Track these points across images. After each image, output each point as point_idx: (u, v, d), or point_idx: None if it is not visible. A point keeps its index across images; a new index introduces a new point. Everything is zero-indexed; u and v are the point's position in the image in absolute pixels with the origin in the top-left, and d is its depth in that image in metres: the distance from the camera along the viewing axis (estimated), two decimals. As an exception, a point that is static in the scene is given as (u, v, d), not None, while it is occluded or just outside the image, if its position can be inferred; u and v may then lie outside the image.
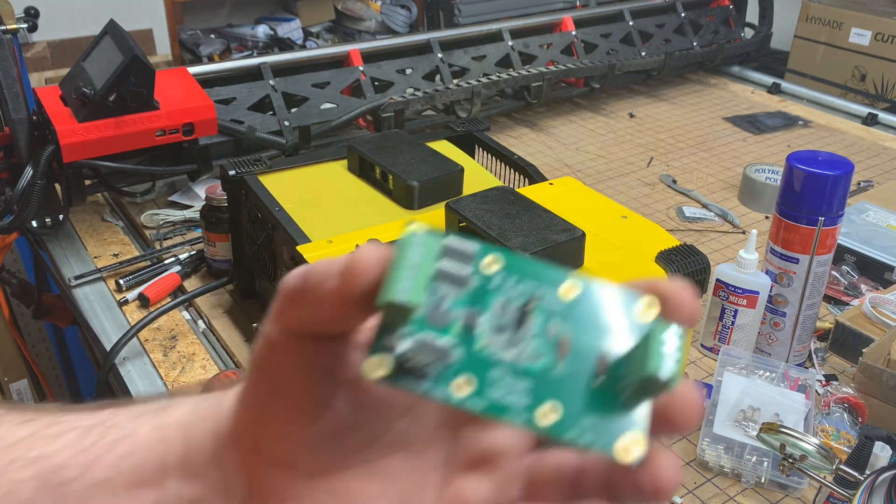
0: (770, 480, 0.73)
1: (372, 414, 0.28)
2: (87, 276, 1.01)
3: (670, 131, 1.51)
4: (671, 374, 0.24)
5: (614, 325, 0.27)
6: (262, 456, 0.29)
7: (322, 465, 0.28)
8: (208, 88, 1.12)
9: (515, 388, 0.26)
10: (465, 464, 0.29)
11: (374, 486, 0.29)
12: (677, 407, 0.26)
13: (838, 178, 0.79)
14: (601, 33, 1.61)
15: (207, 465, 0.30)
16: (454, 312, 0.26)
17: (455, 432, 0.30)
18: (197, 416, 0.31)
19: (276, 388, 0.28)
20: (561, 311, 0.27)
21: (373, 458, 0.29)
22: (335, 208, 0.88)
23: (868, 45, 1.99)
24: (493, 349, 0.26)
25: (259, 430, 0.29)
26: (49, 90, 1.05)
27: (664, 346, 0.25)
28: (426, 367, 0.25)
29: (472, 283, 0.27)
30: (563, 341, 0.26)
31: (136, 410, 0.32)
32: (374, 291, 0.25)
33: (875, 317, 0.90)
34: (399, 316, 0.25)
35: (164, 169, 1.09)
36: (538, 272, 0.27)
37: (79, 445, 0.30)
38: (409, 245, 0.25)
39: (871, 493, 0.61)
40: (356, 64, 1.31)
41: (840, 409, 0.79)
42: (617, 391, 0.26)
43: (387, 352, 0.25)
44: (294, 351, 0.27)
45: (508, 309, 0.27)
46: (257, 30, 2.59)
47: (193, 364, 0.88)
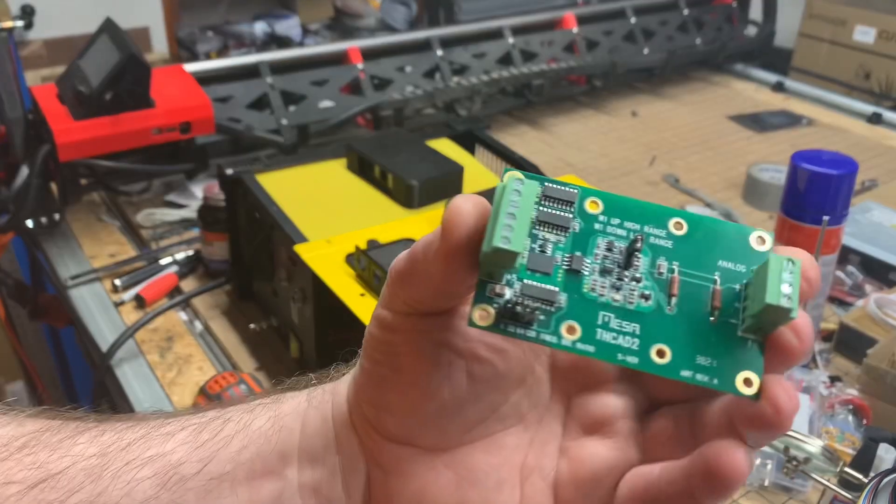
0: (774, 483, 0.72)
1: (488, 386, 0.29)
2: (83, 277, 1.00)
3: (673, 130, 1.50)
4: (791, 304, 0.24)
5: (726, 259, 0.26)
6: (383, 434, 0.30)
7: (442, 439, 0.29)
8: (206, 86, 1.11)
9: (626, 329, 0.26)
10: (580, 431, 0.29)
11: (494, 459, 0.29)
12: (793, 337, 0.25)
13: (843, 178, 0.78)
14: (603, 31, 1.60)
15: (326, 450, 0.31)
16: (558, 257, 0.26)
17: (569, 402, 0.30)
18: (312, 404, 0.32)
19: (395, 365, 0.28)
20: (668, 249, 0.27)
21: (491, 431, 0.30)
22: (334, 208, 0.88)
23: (873, 43, 1.98)
24: (600, 291, 0.26)
25: (379, 408, 0.29)
26: (45, 89, 1.04)
27: (781, 276, 0.24)
28: (533, 313, 0.25)
29: (574, 226, 0.27)
30: (673, 279, 0.26)
31: (248, 405, 0.33)
32: (477, 245, 0.25)
33: (880, 318, 0.89)
34: (502, 263, 0.25)
35: (160, 168, 1.08)
36: (641, 211, 0.27)
37: (195, 442, 0.31)
38: (507, 192, 0.25)
39: (876, 495, 0.60)
40: (355, 62, 1.30)
41: (844, 410, 0.78)
42: (733, 325, 0.26)
43: (493, 300, 0.25)
44: (409, 329, 0.28)
45: (613, 250, 0.26)
46: (255, 27, 2.58)
47: (190, 365, 0.87)
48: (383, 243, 0.74)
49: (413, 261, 0.27)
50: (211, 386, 0.79)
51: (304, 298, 0.77)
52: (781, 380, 0.25)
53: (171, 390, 0.83)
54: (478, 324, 0.25)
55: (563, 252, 0.26)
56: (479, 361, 0.29)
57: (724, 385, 0.25)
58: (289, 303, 0.81)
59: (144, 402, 0.82)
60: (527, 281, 0.26)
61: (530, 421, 0.30)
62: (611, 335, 0.26)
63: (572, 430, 0.30)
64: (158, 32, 2.43)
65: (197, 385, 0.83)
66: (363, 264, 0.71)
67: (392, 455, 0.30)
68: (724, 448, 0.25)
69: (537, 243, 0.26)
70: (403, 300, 0.27)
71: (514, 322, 0.26)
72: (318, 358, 0.78)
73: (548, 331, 0.26)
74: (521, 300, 0.25)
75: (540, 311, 0.26)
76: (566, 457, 0.29)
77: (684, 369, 0.25)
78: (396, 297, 0.28)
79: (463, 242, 0.25)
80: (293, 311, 0.80)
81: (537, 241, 0.26)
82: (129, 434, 0.31)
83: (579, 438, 0.29)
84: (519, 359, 0.30)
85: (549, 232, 0.26)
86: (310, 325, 0.77)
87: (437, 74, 1.38)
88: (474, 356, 0.29)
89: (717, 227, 0.27)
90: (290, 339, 0.83)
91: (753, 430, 0.25)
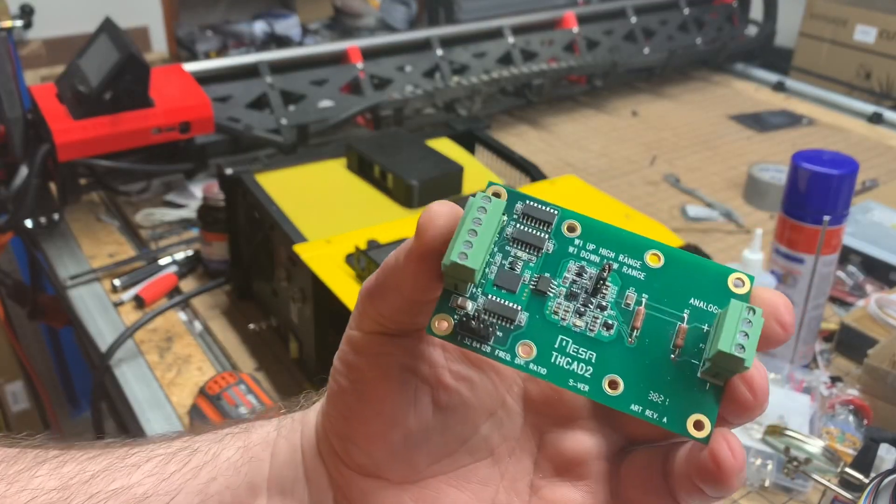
0: (774, 483, 0.72)
1: (455, 415, 0.29)
2: (83, 277, 1.00)
3: (674, 129, 1.49)
4: (744, 354, 0.23)
5: (700, 298, 0.26)
6: (350, 466, 0.29)
7: (409, 471, 0.29)
8: (205, 86, 1.11)
9: (582, 356, 0.25)
10: (551, 470, 0.29)
11: (463, 494, 0.29)
12: (746, 391, 0.25)
13: (843, 178, 0.78)
14: (604, 30, 1.60)
15: (296, 481, 0.30)
16: (526, 276, 0.26)
17: (541, 437, 0.30)
18: (282, 434, 0.31)
19: (360, 393, 0.28)
20: (640, 280, 0.26)
21: (460, 464, 0.29)
22: (333, 208, 0.87)
23: (873, 43, 1.97)
24: (562, 315, 0.26)
25: (345, 438, 0.29)
26: (44, 88, 1.04)
27: (739, 324, 0.24)
28: (491, 328, 0.25)
29: (548, 247, 0.26)
30: (638, 311, 0.26)
31: (217, 434, 0.32)
32: None
33: (881, 318, 0.89)
34: (462, 278, 0.25)
35: (160, 168, 1.08)
36: (619, 239, 0.27)
37: (162, 473, 0.30)
38: (473, 208, 0.25)
39: (877, 495, 0.60)
40: (355, 61, 1.30)
41: (845, 411, 0.78)
42: (693, 365, 0.25)
43: (454, 311, 0.25)
44: (375, 352, 0.28)
45: (584, 275, 0.26)
46: (255, 26, 2.58)
47: (189, 366, 0.86)
48: (383, 243, 0.74)
49: (384, 272, 0.27)
50: (210, 386, 0.78)
51: (304, 298, 0.77)
52: (727, 435, 0.24)
53: (170, 391, 0.83)
54: (436, 332, 0.25)
55: (532, 272, 0.26)
56: (446, 389, 0.28)
57: (672, 424, 0.25)
58: (288, 303, 0.81)
59: (144, 403, 0.82)
60: (491, 296, 0.26)
61: (501, 455, 0.30)
62: (566, 360, 0.25)
63: (544, 467, 0.29)
64: (158, 32, 2.43)
65: (196, 385, 0.83)
66: (363, 264, 0.71)
67: (359, 488, 0.29)
68: None
69: (508, 260, 0.26)
70: (373, 317, 0.27)
71: (471, 335, 0.25)
72: (318, 358, 0.78)
73: (503, 348, 0.25)
74: (481, 314, 0.25)
75: (498, 328, 0.25)
76: (538, 497, 0.29)
77: (634, 403, 0.25)
78: (366, 314, 0.28)
79: (436, 245, 0.25)
80: (293, 311, 0.80)
81: (508, 258, 0.26)
82: (92, 465, 0.30)
83: (551, 478, 0.29)
84: (488, 389, 0.29)
85: (522, 250, 0.26)
86: (309, 326, 0.77)
87: (436, 74, 1.37)
88: (440, 384, 0.28)
89: (696, 265, 0.26)
90: (290, 339, 0.83)
91: (701, 483, 0.24)
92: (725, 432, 0.24)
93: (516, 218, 0.27)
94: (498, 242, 0.26)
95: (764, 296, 0.25)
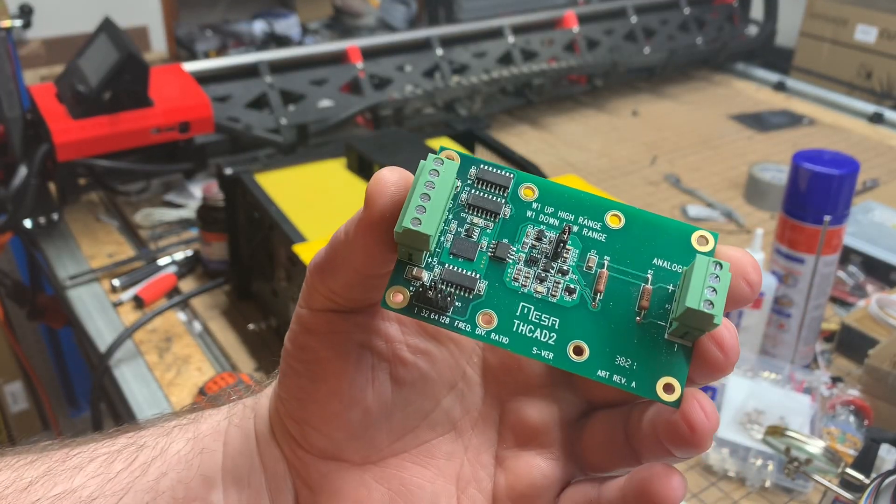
0: (775, 484, 0.72)
1: (415, 390, 0.28)
2: (82, 277, 1.00)
3: (674, 129, 1.49)
4: (713, 310, 0.22)
5: (663, 258, 0.25)
6: (308, 449, 0.28)
7: (370, 451, 0.28)
8: (204, 86, 1.11)
9: (545, 322, 0.24)
10: (515, 440, 0.28)
11: (428, 470, 0.28)
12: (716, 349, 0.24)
13: (844, 178, 0.78)
14: (604, 30, 1.60)
15: (252, 470, 0.29)
16: (483, 243, 0.25)
17: (502, 406, 0.29)
18: (233, 422, 0.30)
19: (314, 374, 0.27)
20: (601, 243, 0.25)
21: (422, 440, 0.28)
22: (333, 207, 0.87)
23: (874, 43, 1.97)
24: (522, 282, 0.25)
25: (301, 421, 0.28)
26: (43, 88, 1.03)
27: (706, 279, 0.23)
28: (447, 299, 0.24)
29: (505, 212, 0.25)
30: (601, 274, 0.25)
31: (163, 427, 0.30)
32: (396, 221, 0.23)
33: (881, 318, 0.89)
34: (416, 245, 0.23)
35: (159, 168, 1.08)
36: (578, 201, 0.26)
37: (107, 473, 0.28)
38: (424, 171, 0.24)
39: (878, 496, 0.60)
40: (355, 61, 1.30)
41: (846, 411, 0.77)
42: (660, 327, 0.24)
43: (409, 283, 0.24)
44: (328, 330, 0.26)
45: (543, 240, 0.25)
46: (254, 26, 2.58)
47: (189, 366, 0.86)
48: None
49: (334, 246, 0.25)
50: (210, 387, 0.78)
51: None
52: (698, 395, 0.24)
53: (169, 391, 0.83)
54: (390, 305, 0.24)
55: (490, 238, 0.25)
56: (403, 364, 0.28)
57: (641, 389, 0.24)
58: (288, 303, 0.81)
59: (143, 403, 0.82)
60: (448, 265, 0.25)
61: (463, 428, 0.29)
62: (528, 327, 0.24)
63: (507, 437, 0.28)
64: (157, 31, 2.43)
65: (196, 386, 0.82)
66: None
67: (319, 472, 0.28)
68: (655, 475, 0.24)
69: (464, 227, 0.25)
70: (323, 293, 0.26)
71: (428, 307, 0.24)
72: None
73: (463, 318, 0.24)
74: (438, 284, 0.24)
75: (457, 298, 0.24)
76: (503, 468, 0.28)
77: (601, 369, 0.24)
78: (316, 291, 0.26)
79: (385, 214, 0.24)
80: (292, 311, 0.80)
81: (464, 225, 0.25)
82: (30, 471, 0.28)
83: (516, 449, 0.28)
84: (447, 361, 0.29)
85: (479, 216, 0.25)
86: (309, 326, 0.77)
87: (436, 74, 1.37)
88: (397, 359, 0.27)
89: (657, 223, 0.25)
90: (289, 339, 0.83)
91: (671, 446, 0.24)
92: (695, 392, 0.24)
93: (471, 183, 0.26)
94: (452, 209, 0.25)
95: (730, 253, 0.24)
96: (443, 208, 0.24)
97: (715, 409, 0.24)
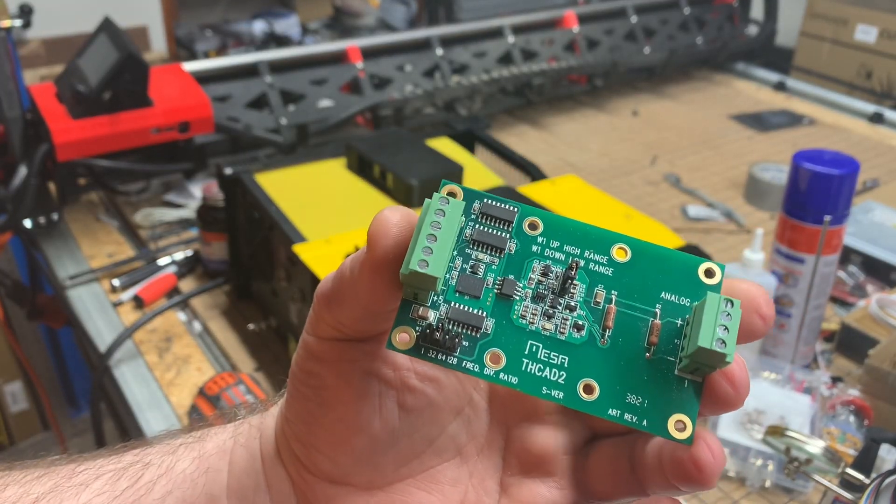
0: (775, 484, 0.72)
1: (422, 417, 0.28)
2: (82, 277, 1.00)
3: (674, 129, 1.49)
4: (726, 349, 0.22)
5: (671, 291, 0.25)
6: (314, 472, 0.28)
7: (376, 476, 0.28)
8: (204, 86, 1.11)
9: (554, 361, 0.24)
10: (519, 467, 0.28)
11: (432, 497, 0.28)
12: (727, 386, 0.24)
13: (844, 178, 0.77)
14: (604, 30, 1.60)
15: (257, 490, 0.29)
16: (489, 280, 0.25)
17: (507, 433, 0.29)
18: (239, 441, 0.30)
19: (321, 399, 0.27)
20: (608, 277, 0.25)
21: (427, 466, 0.28)
22: (333, 207, 0.87)
23: (874, 43, 1.97)
24: (530, 319, 0.24)
25: (308, 445, 0.28)
26: (43, 88, 1.03)
27: (718, 318, 0.23)
28: (455, 338, 0.24)
29: (510, 247, 0.25)
30: (609, 310, 0.25)
31: (169, 445, 0.30)
32: (402, 260, 0.23)
33: (881, 318, 0.89)
34: (423, 286, 0.23)
35: (159, 167, 1.08)
36: (584, 234, 0.25)
37: (113, 491, 0.28)
38: (430, 211, 0.23)
39: (878, 496, 0.60)
40: (355, 61, 1.30)
41: (846, 411, 0.77)
42: (670, 362, 0.24)
43: (415, 322, 0.24)
44: (336, 358, 0.26)
45: (549, 275, 0.25)
46: (254, 26, 2.58)
47: (189, 366, 0.86)
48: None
49: (340, 279, 0.25)
50: (209, 387, 0.78)
51: (304, 299, 0.77)
52: (706, 434, 0.24)
53: (169, 391, 0.83)
54: (397, 347, 0.24)
55: (495, 275, 0.25)
56: (411, 392, 0.27)
57: (653, 427, 0.24)
58: (288, 303, 0.81)
59: (143, 403, 0.82)
60: (454, 304, 0.24)
61: (469, 453, 0.29)
62: (537, 366, 0.24)
63: (512, 464, 0.28)
64: (157, 31, 2.43)
65: (196, 386, 0.82)
66: (362, 264, 0.71)
67: (324, 495, 0.28)
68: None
69: (469, 264, 0.25)
70: (330, 324, 0.26)
71: (435, 347, 0.24)
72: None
73: (471, 358, 0.24)
74: (445, 324, 0.24)
75: (464, 337, 0.24)
76: (507, 496, 0.28)
77: (612, 408, 0.24)
78: (323, 320, 0.26)
79: (389, 256, 0.23)
80: (292, 311, 0.80)
81: (469, 261, 0.25)
82: (37, 487, 0.28)
83: (520, 476, 0.28)
84: (454, 388, 0.28)
85: (483, 252, 0.25)
86: (309, 326, 0.77)
87: (436, 73, 1.37)
88: (405, 386, 0.27)
89: (663, 256, 0.25)
90: (289, 339, 0.83)
91: (677, 482, 0.24)
92: (703, 432, 0.24)
93: (475, 218, 0.25)
94: (457, 245, 0.25)
95: (741, 287, 0.24)
96: (450, 249, 0.23)
97: (722, 449, 0.24)
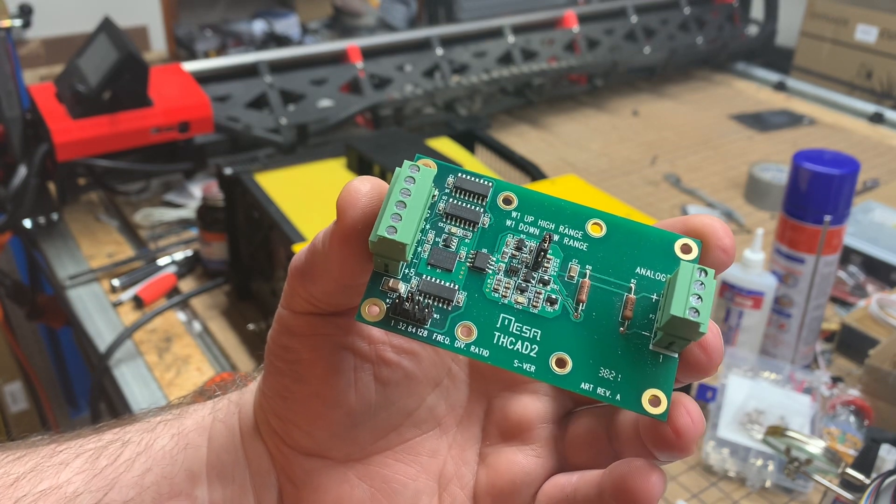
0: (775, 484, 0.72)
1: (399, 389, 0.28)
2: (81, 277, 1.00)
3: (674, 129, 1.49)
4: (699, 318, 0.22)
5: (646, 266, 0.25)
6: (292, 446, 0.28)
7: (354, 448, 0.28)
8: (204, 85, 1.11)
9: (526, 334, 0.24)
10: (498, 436, 0.28)
11: (410, 468, 0.28)
12: (700, 353, 0.24)
13: (844, 178, 0.77)
14: (604, 29, 1.60)
15: (236, 465, 0.29)
16: (462, 253, 0.24)
17: (487, 402, 0.29)
18: (218, 417, 0.30)
19: (297, 375, 0.27)
20: (583, 251, 0.25)
21: (406, 438, 0.28)
22: (333, 207, 0.87)
23: (874, 43, 1.97)
24: (503, 292, 0.24)
25: (284, 419, 0.28)
26: (43, 87, 1.03)
27: (691, 286, 0.22)
28: (425, 311, 0.24)
29: (484, 221, 0.25)
30: (583, 283, 0.24)
31: (149, 423, 0.31)
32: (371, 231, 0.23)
33: (882, 318, 0.89)
34: (392, 255, 0.23)
35: (159, 167, 1.08)
36: (558, 209, 0.25)
37: (92, 469, 0.28)
38: (399, 179, 0.23)
39: (878, 496, 0.60)
40: (354, 60, 1.30)
41: (846, 411, 0.77)
42: (644, 337, 0.24)
43: (386, 295, 0.24)
44: (310, 332, 0.26)
45: (523, 249, 0.25)
46: (254, 26, 2.58)
47: (189, 366, 0.86)
48: None
49: (312, 252, 0.25)
50: (209, 387, 0.78)
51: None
52: (684, 400, 0.23)
53: (169, 391, 0.83)
54: (366, 319, 0.24)
55: (468, 248, 0.25)
56: (387, 365, 0.27)
57: (627, 402, 0.23)
58: (287, 303, 0.80)
59: (143, 403, 0.82)
60: (425, 276, 0.24)
61: (448, 424, 0.29)
62: (509, 340, 0.24)
63: (491, 434, 0.28)
64: (157, 31, 2.43)
65: (195, 386, 0.82)
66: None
67: (303, 468, 0.28)
68: (635, 471, 0.23)
69: (441, 237, 0.25)
70: (304, 297, 0.26)
71: (405, 319, 0.24)
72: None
73: (441, 331, 0.24)
74: (415, 296, 0.24)
75: (435, 310, 0.24)
76: (485, 465, 0.28)
77: (585, 381, 0.23)
78: (297, 294, 0.26)
79: (359, 226, 0.23)
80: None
81: (442, 234, 0.25)
82: (17, 467, 0.28)
83: (498, 445, 0.28)
84: (432, 360, 0.28)
85: (457, 226, 0.25)
86: (308, 326, 0.77)
87: (436, 73, 1.37)
88: (381, 359, 0.27)
89: (639, 232, 0.25)
90: (289, 339, 0.82)
91: (655, 450, 0.24)
92: (681, 397, 0.23)
93: (448, 192, 0.25)
94: (430, 219, 0.25)
95: (698, 221, 0.24)
96: (419, 216, 0.23)
97: (701, 414, 0.23)
